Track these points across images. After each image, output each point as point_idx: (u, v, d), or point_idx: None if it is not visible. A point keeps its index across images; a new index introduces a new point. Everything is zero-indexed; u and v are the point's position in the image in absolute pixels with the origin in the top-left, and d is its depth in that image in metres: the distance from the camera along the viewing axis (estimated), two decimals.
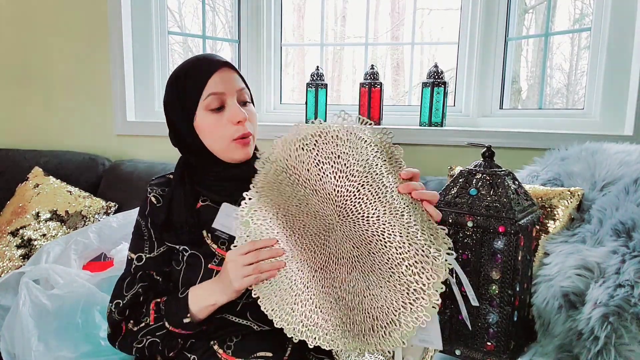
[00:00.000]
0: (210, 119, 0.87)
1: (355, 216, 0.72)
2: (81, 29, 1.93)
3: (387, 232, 0.69)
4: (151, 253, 0.91)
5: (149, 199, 0.93)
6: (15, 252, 1.53)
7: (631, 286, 0.85)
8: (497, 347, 0.90)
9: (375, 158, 0.71)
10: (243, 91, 0.89)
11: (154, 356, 0.89)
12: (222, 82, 0.87)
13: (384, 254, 0.69)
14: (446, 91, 1.69)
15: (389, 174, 0.71)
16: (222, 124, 0.87)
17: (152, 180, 0.96)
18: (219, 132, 0.87)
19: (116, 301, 0.89)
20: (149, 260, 0.91)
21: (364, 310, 0.69)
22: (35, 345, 1.05)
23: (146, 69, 1.96)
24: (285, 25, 2.15)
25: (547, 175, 1.22)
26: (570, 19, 2.31)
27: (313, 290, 0.73)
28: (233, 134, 0.87)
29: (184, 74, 0.88)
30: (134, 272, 0.91)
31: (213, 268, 0.88)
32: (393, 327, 0.67)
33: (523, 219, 0.88)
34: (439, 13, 3.32)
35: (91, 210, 1.66)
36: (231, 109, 0.87)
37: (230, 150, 0.89)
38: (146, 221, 0.92)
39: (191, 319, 0.83)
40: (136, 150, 1.96)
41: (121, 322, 0.89)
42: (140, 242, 0.92)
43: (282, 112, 2.02)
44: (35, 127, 2.04)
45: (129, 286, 0.90)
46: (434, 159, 1.69)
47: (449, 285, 0.76)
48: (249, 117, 0.89)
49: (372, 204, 0.70)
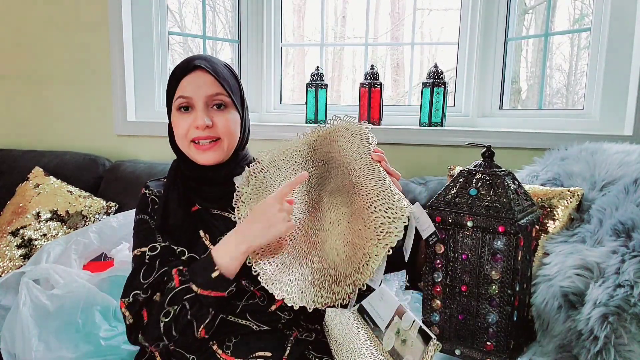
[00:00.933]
0: (177, 118, 0.92)
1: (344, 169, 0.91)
2: (82, 29, 1.93)
3: (362, 183, 0.86)
4: (165, 242, 0.90)
5: (150, 198, 0.94)
6: (16, 252, 1.53)
7: (631, 286, 0.85)
8: (496, 347, 0.90)
9: (359, 141, 0.91)
10: (217, 96, 0.91)
11: (184, 334, 0.80)
12: (192, 86, 0.90)
13: (360, 197, 0.85)
14: (446, 91, 1.69)
15: (367, 150, 0.89)
16: (186, 126, 0.91)
17: (147, 182, 0.98)
18: (181, 132, 0.91)
19: (134, 292, 0.84)
20: (164, 248, 0.89)
21: (344, 253, 0.83)
22: (35, 345, 1.05)
23: (147, 69, 1.96)
24: (285, 25, 2.16)
25: (547, 175, 1.23)
26: (570, 19, 2.31)
27: (306, 260, 0.88)
28: (191, 136, 0.91)
29: (171, 73, 0.94)
30: (149, 262, 0.87)
31: None
32: (367, 258, 0.79)
33: (523, 219, 0.89)
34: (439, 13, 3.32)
35: (91, 210, 1.66)
36: (196, 113, 0.90)
37: (191, 152, 0.92)
38: (151, 216, 0.93)
39: (219, 273, 0.79)
40: (136, 150, 1.96)
41: (146, 303, 0.83)
42: (150, 235, 0.90)
43: (282, 112, 2.02)
44: (35, 127, 2.05)
45: (147, 274, 0.85)
46: (434, 159, 1.69)
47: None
48: (219, 124, 0.91)
49: (356, 162, 0.89)
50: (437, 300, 0.97)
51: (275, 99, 2.05)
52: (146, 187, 0.97)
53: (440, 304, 0.96)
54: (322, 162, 0.95)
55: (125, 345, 1.06)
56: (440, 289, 0.96)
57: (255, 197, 0.91)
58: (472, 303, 0.92)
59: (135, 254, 0.90)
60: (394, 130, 1.72)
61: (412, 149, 1.71)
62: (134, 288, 0.85)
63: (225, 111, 0.92)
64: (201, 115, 0.89)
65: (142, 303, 0.83)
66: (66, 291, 1.15)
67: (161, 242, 0.90)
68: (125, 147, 1.97)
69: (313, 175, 0.95)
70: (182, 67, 0.92)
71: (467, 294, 0.92)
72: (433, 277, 0.96)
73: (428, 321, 0.98)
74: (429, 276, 0.97)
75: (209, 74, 0.90)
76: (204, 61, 0.91)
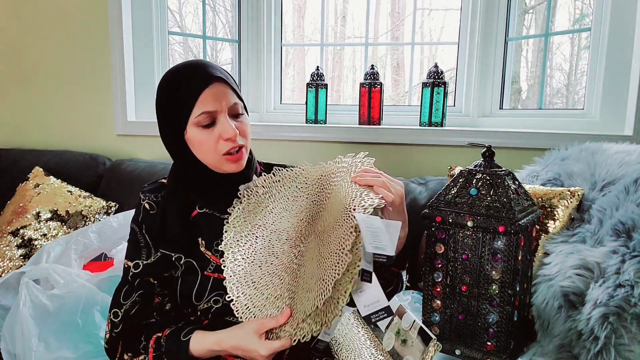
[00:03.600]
0: (201, 135, 0.86)
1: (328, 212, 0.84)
2: (82, 29, 1.93)
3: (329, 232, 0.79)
4: (148, 259, 0.90)
5: (142, 205, 0.92)
6: (16, 252, 1.53)
7: (631, 286, 0.85)
8: (497, 347, 0.90)
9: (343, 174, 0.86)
10: (236, 105, 0.88)
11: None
12: (214, 100, 0.85)
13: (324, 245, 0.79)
14: (446, 91, 1.69)
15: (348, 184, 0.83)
16: (213, 140, 0.86)
17: (144, 187, 0.95)
18: (209, 147, 0.87)
19: (114, 310, 0.88)
20: (147, 266, 0.89)
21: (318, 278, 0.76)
22: (35, 345, 1.05)
23: (147, 69, 1.96)
24: (286, 25, 2.16)
25: (547, 175, 1.22)
26: (570, 19, 2.31)
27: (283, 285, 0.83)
28: (223, 149, 0.87)
29: (175, 84, 0.86)
30: (131, 280, 0.89)
31: (209, 275, 0.88)
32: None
33: (523, 219, 0.88)
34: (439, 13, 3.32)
35: (91, 210, 1.66)
36: (222, 125, 0.86)
37: (222, 164, 0.89)
38: (140, 228, 0.91)
39: (193, 357, 0.82)
40: (137, 150, 1.96)
41: (118, 342, 0.87)
42: (136, 249, 0.91)
43: (282, 112, 2.02)
44: (35, 127, 2.05)
45: (126, 295, 0.88)
46: (434, 159, 1.69)
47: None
48: (241, 130, 0.88)
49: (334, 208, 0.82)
50: (438, 301, 0.97)
51: (275, 98, 2.05)
52: (142, 192, 0.94)
53: (440, 304, 0.96)
54: (315, 202, 0.90)
55: None
56: (441, 289, 0.96)
57: (249, 214, 0.90)
58: (472, 303, 0.92)
59: (125, 263, 0.92)
60: (394, 130, 1.72)
61: (412, 149, 1.71)
62: (115, 305, 0.89)
63: (242, 117, 0.90)
64: (229, 127, 0.85)
65: (118, 337, 0.87)
66: (66, 291, 1.15)
67: (144, 260, 0.90)
68: (125, 146, 1.97)
69: (308, 211, 0.89)
70: (195, 82, 0.84)
71: (467, 294, 0.92)
72: (433, 277, 0.96)
73: (428, 321, 0.98)
74: (429, 276, 0.97)
75: (225, 83, 0.87)
76: (216, 70, 0.87)
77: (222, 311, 0.88)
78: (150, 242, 0.90)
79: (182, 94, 0.85)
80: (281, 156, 1.80)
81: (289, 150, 1.83)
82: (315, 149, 1.80)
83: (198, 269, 0.88)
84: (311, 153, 1.80)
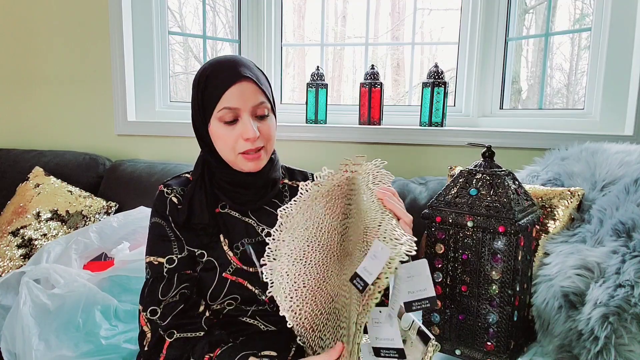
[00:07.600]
0: (222, 130, 0.88)
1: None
2: (82, 28, 1.93)
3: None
4: (182, 253, 0.88)
5: (169, 198, 0.90)
6: (16, 251, 1.53)
7: (631, 286, 0.85)
8: (497, 347, 0.90)
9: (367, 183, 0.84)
10: (261, 105, 0.88)
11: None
12: (238, 97, 0.86)
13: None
14: (446, 91, 1.69)
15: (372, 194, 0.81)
16: (233, 137, 0.87)
17: (167, 181, 0.94)
18: (228, 143, 0.88)
19: (151, 308, 0.85)
20: (182, 260, 0.88)
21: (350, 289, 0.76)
22: (35, 344, 1.05)
23: (147, 69, 1.96)
24: (286, 25, 2.15)
25: (547, 175, 1.22)
26: (571, 19, 2.31)
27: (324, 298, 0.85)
28: (241, 148, 0.88)
29: (205, 78, 0.88)
30: (168, 275, 0.87)
31: (227, 277, 0.88)
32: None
33: (523, 219, 0.88)
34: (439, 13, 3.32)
35: (92, 210, 1.66)
36: (244, 125, 0.86)
37: (238, 162, 0.89)
38: (168, 222, 0.90)
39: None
40: (137, 150, 1.96)
41: (163, 341, 0.84)
42: (166, 245, 0.89)
43: (283, 112, 2.02)
44: (35, 127, 2.05)
45: (165, 291, 0.85)
46: (434, 159, 1.69)
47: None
48: (263, 132, 0.89)
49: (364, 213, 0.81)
50: (437, 301, 0.97)
51: (275, 98, 2.05)
52: (166, 186, 0.92)
53: (440, 304, 0.96)
54: (344, 214, 0.88)
55: (126, 344, 1.06)
56: (441, 289, 0.95)
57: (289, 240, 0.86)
58: (472, 303, 0.92)
59: (151, 261, 0.88)
60: (394, 130, 1.72)
61: (412, 149, 1.71)
62: (153, 303, 0.85)
63: (267, 119, 0.90)
64: (250, 127, 0.86)
65: (162, 336, 0.84)
66: (66, 291, 1.15)
67: (177, 254, 0.88)
68: (125, 147, 1.97)
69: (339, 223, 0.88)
70: (223, 77, 0.86)
71: (467, 294, 0.92)
72: (433, 277, 0.96)
73: (428, 321, 0.98)
74: None
75: (254, 83, 0.87)
76: (247, 69, 0.88)
77: (235, 313, 0.89)
78: (181, 235, 0.89)
79: (211, 87, 0.87)
80: (281, 156, 1.80)
81: (289, 150, 1.83)
82: (316, 149, 1.80)
83: (217, 269, 0.88)
84: (311, 153, 1.80)
